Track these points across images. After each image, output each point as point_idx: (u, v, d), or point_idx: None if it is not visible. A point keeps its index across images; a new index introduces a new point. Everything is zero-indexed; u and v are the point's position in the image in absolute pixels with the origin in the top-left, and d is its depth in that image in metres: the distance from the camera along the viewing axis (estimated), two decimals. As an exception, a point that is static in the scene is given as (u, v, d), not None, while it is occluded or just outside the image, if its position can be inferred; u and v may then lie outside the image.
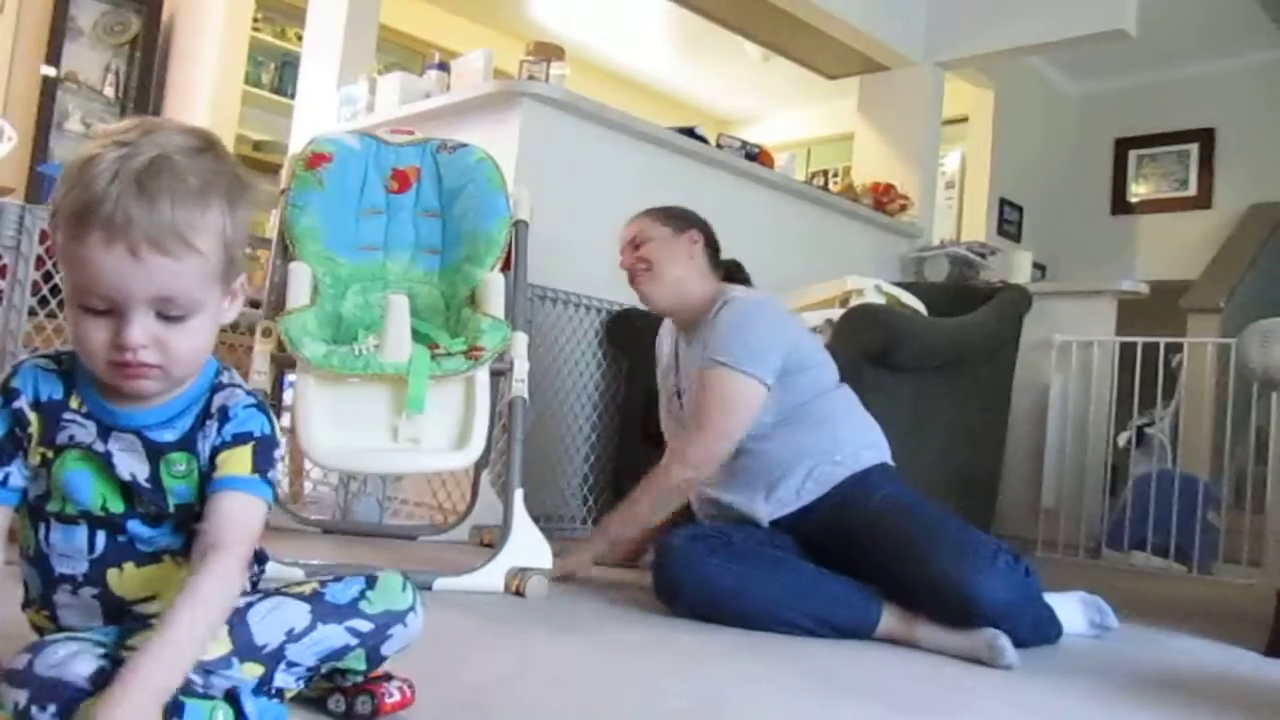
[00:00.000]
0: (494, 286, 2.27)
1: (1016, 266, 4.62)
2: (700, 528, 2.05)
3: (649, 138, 3.53)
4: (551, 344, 3.21)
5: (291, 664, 0.93)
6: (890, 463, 2.17)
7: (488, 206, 2.37)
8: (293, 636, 0.93)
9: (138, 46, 5.65)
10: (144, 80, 5.66)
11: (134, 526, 0.92)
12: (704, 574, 1.88)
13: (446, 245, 2.41)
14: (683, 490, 2.16)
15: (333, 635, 0.96)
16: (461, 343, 2.14)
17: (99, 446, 0.90)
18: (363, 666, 1.01)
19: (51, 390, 0.91)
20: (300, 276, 2.20)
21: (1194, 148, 5.93)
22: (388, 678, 1.05)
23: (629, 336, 3.32)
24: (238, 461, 0.92)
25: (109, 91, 5.62)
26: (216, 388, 0.95)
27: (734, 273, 2.45)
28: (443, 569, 2.02)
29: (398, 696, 1.05)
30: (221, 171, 0.88)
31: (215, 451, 0.92)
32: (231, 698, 0.87)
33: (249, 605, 0.93)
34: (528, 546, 2.06)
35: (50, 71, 5.32)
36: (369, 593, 0.99)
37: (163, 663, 0.79)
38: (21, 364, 0.92)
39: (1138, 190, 6.14)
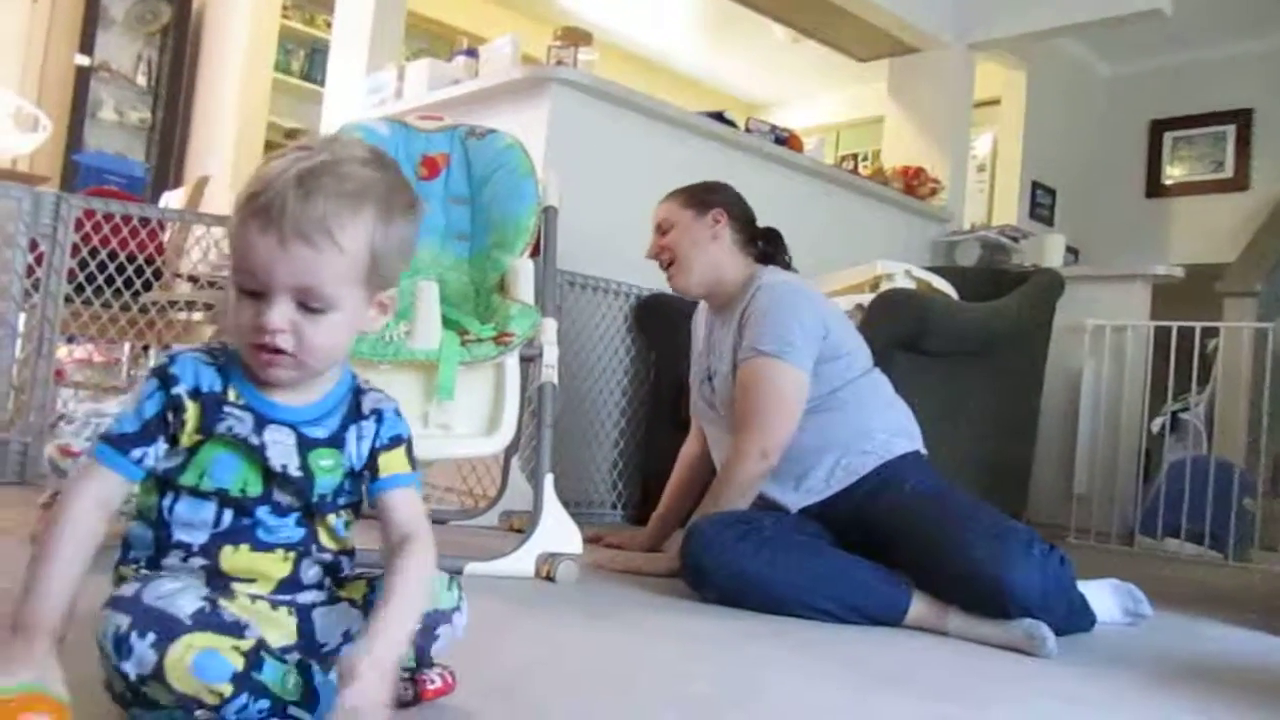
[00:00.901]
0: (523, 272, 2.27)
1: (1049, 250, 4.58)
2: (729, 514, 2.04)
3: (677, 122, 3.52)
4: (581, 329, 3.21)
5: None
6: (923, 450, 2.16)
7: (516, 192, 2.36)
8: (348, 638, 0.97)
9: (169, 35, 5.70)
10: (175, 68, 5.71)
11: (262, 513, 0.96)
12: (733, 559, 1.88)
13: (475, 231, 2.41)
14: (760, 479, 2.10)
15: None
16: (491, 329, 2.14)
17: (254, 439, 0.95)
18: (411, 665, 1.04)
19: (211, 382, 0.95)
20: (330, 263, 2.21)
21: (1230, 129, 5.83)
22: (429, 664, 1.06)
23: (658, 321, 3.32)
24: (398, 461, 1.02)
25: (141, 80, 5.67)
26: (358, 390, 1.03)
27: (772, 244, 2.40)
28: (473, 554, 2.03)
29: (439, 683, 1.05)
30: (384, 182, 0.94)
31: (376, 452, 1.01)
32: (304, 667, 0.92)
33: (313, 605, 0.99)
34: (558, 532, 2.06)
35: (84, 61, 5.38)
36: None
37: (398, 627, 0.91)
38: (180, 353, 0.96)
39: (1173, 173, 6.05)
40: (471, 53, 3.60)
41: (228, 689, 0.84)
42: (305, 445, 0.97)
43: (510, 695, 1.17)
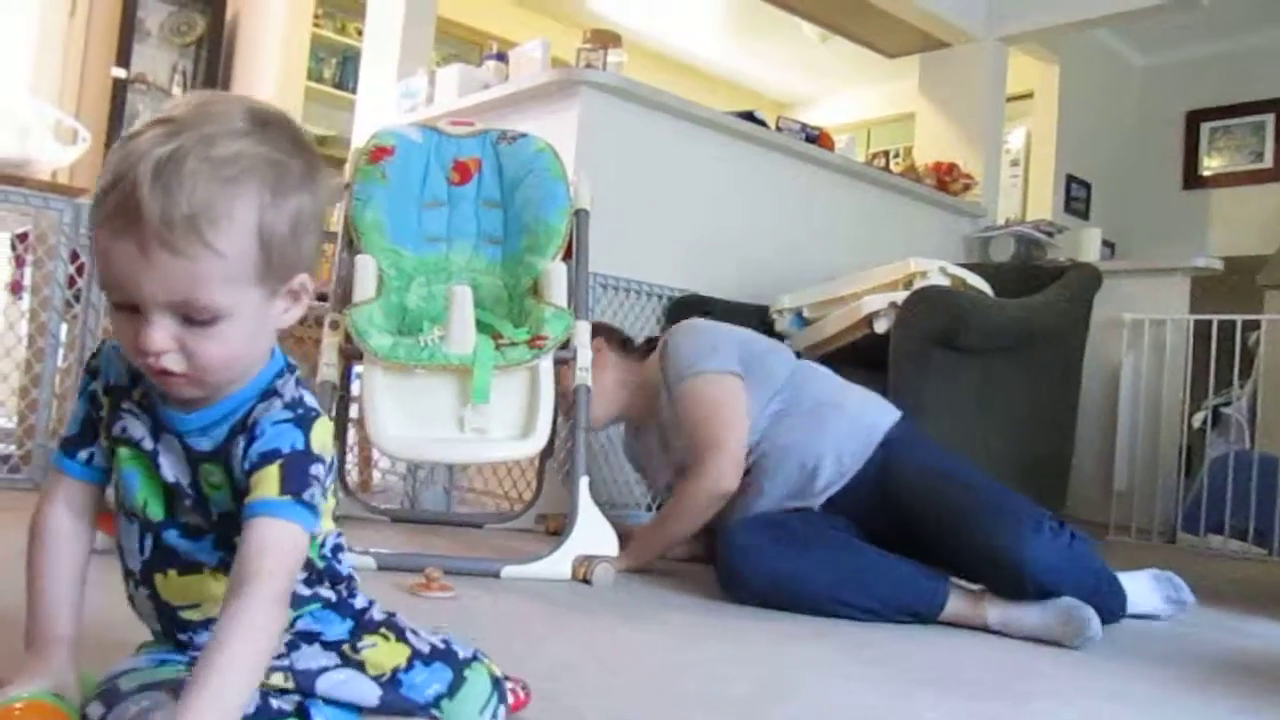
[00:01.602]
0: (556, 276, 2.28)
1: (1085, 244, 4.53)
2: (758, 519, 2.04)
3: (708, 123, 3.52)
4: (613, 331, 3.21)
5: None
6: (898, 413, 2.18)
7: (548, 196, 2.38)
8: (357, 710, 0.88)
9: (203, 46, 5.77)
10: (210, 79, 5.77)
11: (170, 536, 0.84)
12: (770, 563, 1.88)
13: (508, 235, 2.43)
14: (715, 502, 2.11)
15: None
16: (525, 332, 2.15)
17: (147, 444, 0.84)
18: None
19: (120, 375, 0.85)
20: (366, 269, 2.23)
21: (1269, 118, 5.73)
22: (505, 678, 0.99)
23: (690, 323, 3.32)
24: (266, 483, 0.79)
25: (177, 91, 5.74)
26: (265, 394, 0.83)
27: (651, 341, 2.48)
28: (510, 557, 2.04)
29: (509, 699, 0.99)
30: (268, 152, 0.76)
31: (249, 471, 0.80)
32: (301, 711, 0.85)
33: (322, 670, 0.87)
34: (594, 534, 2.07)
35: (120, 73, 5.45)
36: (446, 701, 0.89)
37: (207, 715, 0.71)
38: (106, 341, 0.87)
39: (1210, 163, 5.96)
40: (501, 57, 3.61)
41: None
42: (192, 458, 0.83)
43: (549, 697, 1.17)
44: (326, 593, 0.91)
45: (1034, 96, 5.71)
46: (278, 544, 0.78)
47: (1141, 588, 2.03)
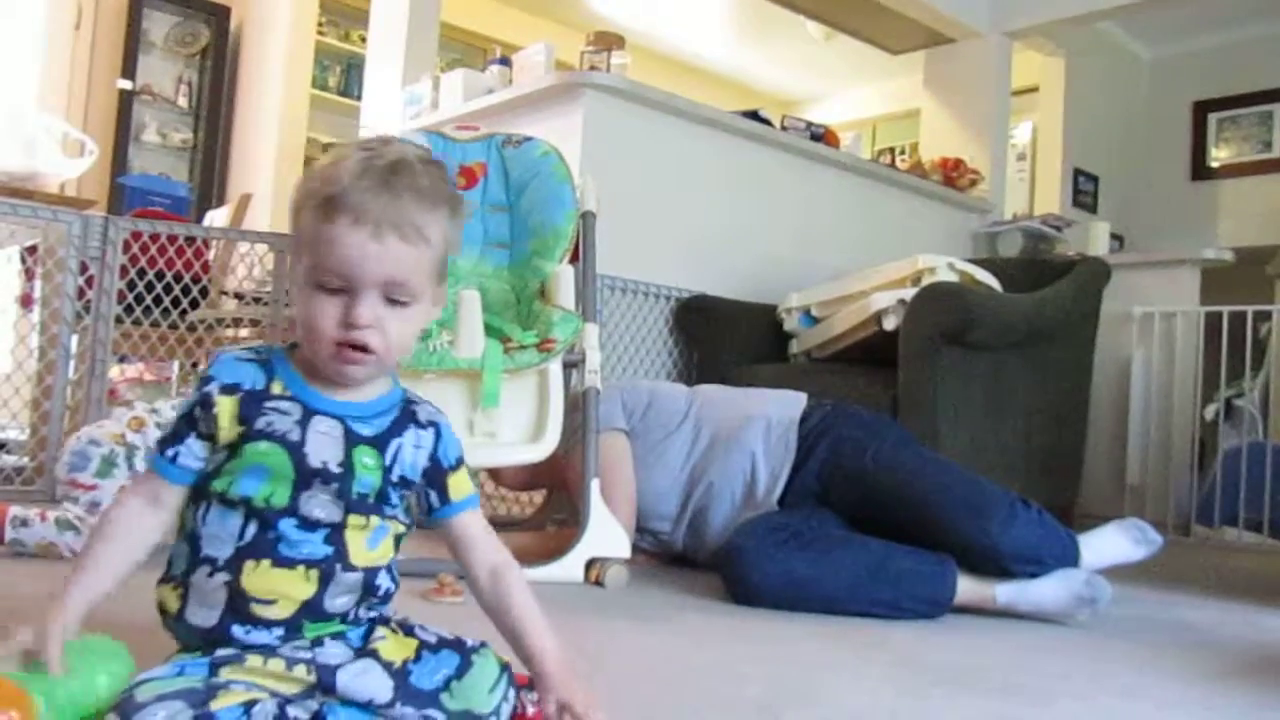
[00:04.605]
0: (563, 279, 2.28)
1: (1093, 238, 4.51)
2: (758, 523, 2.04)
3: (713, 122, 3.51)
4: (623, 334, 3.21)
5: None
6: (804, 397, 2.29)
7: (554, 199, 2.38)
8: (371, 709, 0.91)
9: (208, 56, 5.79)
10: (215, 88, 5.79)
11: (286, 526, 0.92)
12: (781, 567, 1.88)
13: (515, 239, 2.43)
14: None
15: (411, 718, 0.92)
16: (533, 336, 2.15)
17: (294, 435, 0.93)
18: None
19: (252, 379, 0.95)
20: (373, 275, 2.23)
21: (1277, 108, 5.70)
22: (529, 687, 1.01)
23: (699, 322, 3.31)
24: (465, 483, 1.04)
25: (183, 101, 5.77)
26: (410, 399, 1.02)
27: None
28: (522, 561, 2.03)
29: (532, 710, 0.99)
30: (446, 180, 0.97)
31: (444, 471, 1.02)
32: (318, 717, 0.88)
33: (341, 664, 0.92)
34: (606, 536, 2.06)
35: (126, 85, 5.47)
36: (455, 683, 0.94)
37: (553, 641, 1.00)
38: (220, 353, 0.97)
39: (1218, 154, 5.94)
40: (505, 61, 3.62)
41: None
42: (351, 439, 0.96)
43: (564, 701, 1.17)
44: (387, 610, 1.02)
45: (1040, 90, 5.70)
46: (489, 529, 1.05)
47: (1108, 538, 2.04)
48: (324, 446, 0.94)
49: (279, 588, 0.92)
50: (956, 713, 1.27)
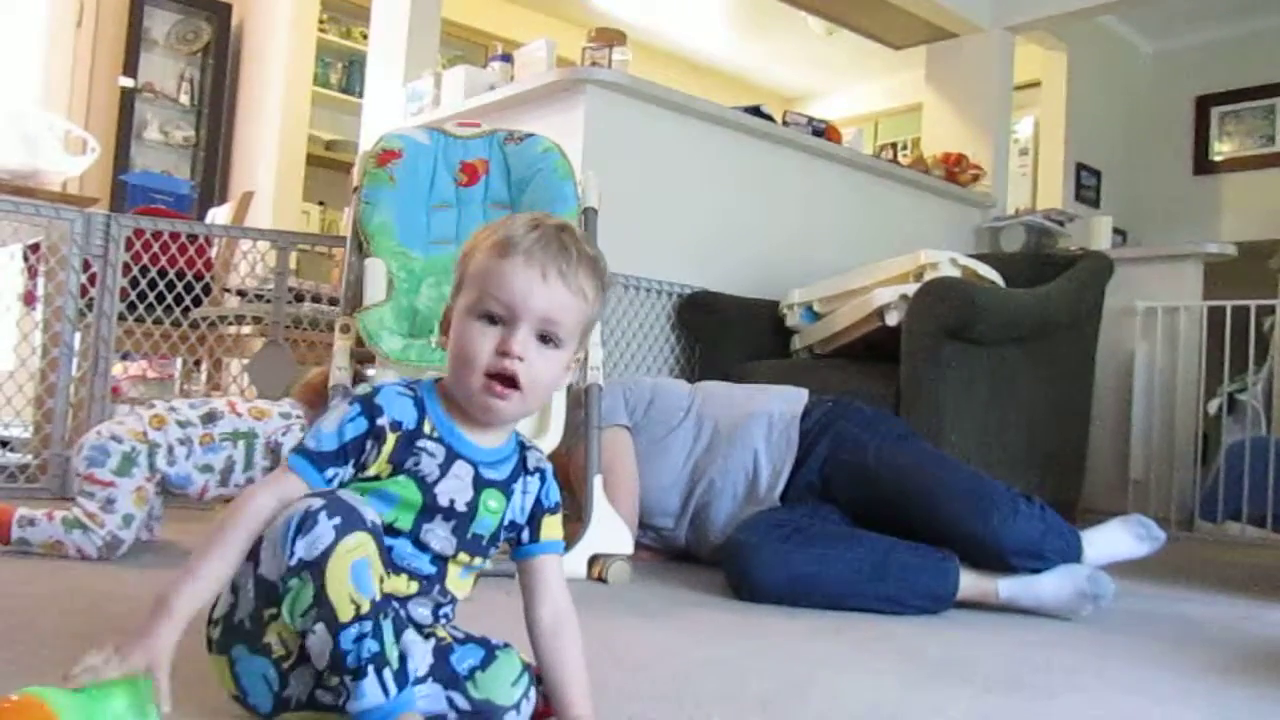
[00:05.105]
0: (566, 275, 2.28)
1: (1096, 233, 4.50)
2: (760, 519, 2.04)
3: (714, 118, 3.51)
4: (625, 330, 3.21)
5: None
6: (805, 393, 2.30)
7: (556, 195, 2.37)
8: (416, 676, 0.97)
9: (210, 54, 5.78)
10: (217, 86, 5.79)
11: (400, 544, 1.00)
12: (784, 563, 1.88)
13: (517, 236, 2.42)
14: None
15: (436, 696, 0.99)
16: (535, 332, 2.15)
17: (432, 477, 1.00)
18: None
19: (408, 416, 1.00)
20: (376, 272, 2.23)
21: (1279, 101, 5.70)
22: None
23: (701, 318, 3.31)
24: (556, 527, 1.08)
25: (184, 99, 5.76)
26: (523, 445, 1.09)
27: None
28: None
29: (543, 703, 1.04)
30: (601, 259, 1.05)
31: (541, 513, 1.07)
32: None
33: (421, 626, 1.01)
34: (608, 533, 2.06)
35: (128, 82, 5.47)
36: (479, 673, 1.01)
37: (590, 708, 1.02)
38: (383, 385, 1.02)
39: (1221, 148, 5.92)
40: (506, 58, 3.61)
41: (366, 605, 0.87)
42: (480, 484, 1.02)
43: (567, 697, 1.17)
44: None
45: (1041, 85, 5.68)
46: (564, 578, 1.08)
47: (1111, 534, 2.05)
48: (455, 489, 1.01)
49: (385, 585, 0.95)
50: (959, 707, 1.27)
